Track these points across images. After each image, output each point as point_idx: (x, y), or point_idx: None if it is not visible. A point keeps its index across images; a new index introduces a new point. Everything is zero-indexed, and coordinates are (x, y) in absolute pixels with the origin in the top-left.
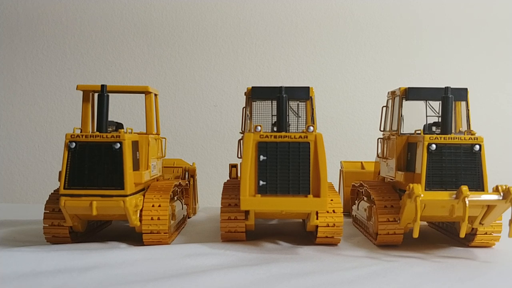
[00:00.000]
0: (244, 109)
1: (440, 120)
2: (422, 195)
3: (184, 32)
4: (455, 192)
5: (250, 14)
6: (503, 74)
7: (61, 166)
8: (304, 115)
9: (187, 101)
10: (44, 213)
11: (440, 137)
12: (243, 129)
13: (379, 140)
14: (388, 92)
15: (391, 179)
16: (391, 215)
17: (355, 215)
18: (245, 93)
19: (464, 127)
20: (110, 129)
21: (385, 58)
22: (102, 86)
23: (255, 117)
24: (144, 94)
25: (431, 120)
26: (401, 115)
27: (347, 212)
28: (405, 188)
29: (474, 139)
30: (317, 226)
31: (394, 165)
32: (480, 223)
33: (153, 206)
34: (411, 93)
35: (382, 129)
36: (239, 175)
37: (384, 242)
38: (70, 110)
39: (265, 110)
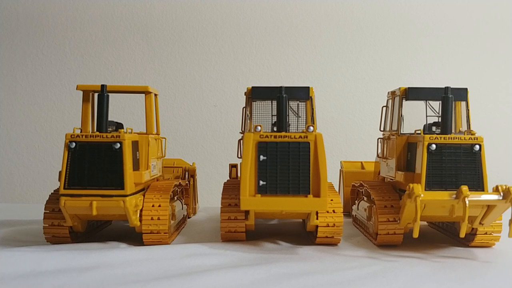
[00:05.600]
0: (244, 109)
1: (440, 120)
2: (422, 195)
3: (184, 32)
4: (455, 192)
5: (250, 14)
6: (503, 74)
7: (61, 166)
8: (304, 115)
9: (187, 101)
10: (44, 213)
11: (440, 137)
12: (243, 129)
13: (379, 140)
14: (388, 92)
15: (391, 179)
16: (391, 215)
17: (355, 215)
18: (245, 93)
19: (464, 127)
20: (110, 129)
21: (385, 58)
22: (102, 86)
23: (255, 117)
24: (144, 94)
25: (431, 120)
26: (401, 115)
27: (347, 212)
28: (405, 188)
29: (474, 139)
30: (317, 226)
31: (394, 165)
32: (480, 223)
33: (153, 206)
34: (411, 93)
35: (382, 129)
36: (239, 175)
37: (384, 242)
38: (70, 110)
39: (265, 110)
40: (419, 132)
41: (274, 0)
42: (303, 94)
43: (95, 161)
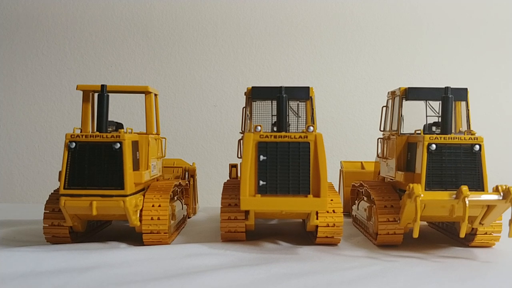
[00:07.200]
0: (244, 109)
1: (440, 120)
2: (422, 195)
3: (184, 32)
4: (455, 192)
5: (250, 14)
6: (503, 74)
7: (61, 166)
8: (304, 115)
9: (187, 101)
10: (44, 213)
11: (440, 137)
12: (243, 129)
13: (379, 140)
14: (388, 92)
15: (391, 179)
16: (391, 215)
17: (355, 215)
18: (245, 93)
19: (464, 127)
20: (110, 129)
21: (385, 58)
22: (102, 86)
23: (255, 117)
24: (144, 94)
25: (431, 120)
26: (401, 115)
27: (347, 212)
28: (405, 188)
29: (474, 139)
30: (317, 226)
31: (394, 165)
32: (480, 223)
33: (153, 206)
34: (411, 93)
35: (382, 129)
36: (239, 175)
37: (384, 242)
38: (70, 110)
39: (265, 110)
40: (419, 132)
41: (274, 0)
42: (303, 94)
43: (95, 161)
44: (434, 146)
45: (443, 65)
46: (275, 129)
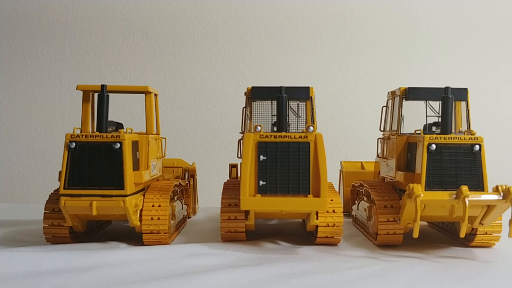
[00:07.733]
0: (244, 109)
1: (440, 120)
2: (422, 195)
3: (184, 32)
4: (455, 192)
5: (250, 14)
6: (503, 74)
7: (61, 166)
8: (304, 115)
9: (187, 101)
10: (44, 213)
11: (440, 137)
12: (243, 129)
13: (379, 140)
14: (388, 92)
15: (391, 179)
16: (391, 215)
17: (355, 215)
18: (245, 93)
19: (464, 127)
20: (110, 129)
21: (385, 58)
22: (102, 86)
23: (255, 117)
24: (144, 94)
25: (431, 120)
26: (401, 115)
27: (347, 212)
28: (405, 188)
29: (474, 139)
30: (317, 226)
31: (394, 165)
32: (480, 223)
33: (153, 206)
34: (411, 93)
35: (382, 129)
36: (239, 175)
37: (384, 242)
38: (70, 110)
39: (265, 110)
40: (419, 132)
41: (274, 0)
42: (303, 94)
43: (95, 161)
44: (434, 146)
45: (443, 65)
46: (275, 129)
